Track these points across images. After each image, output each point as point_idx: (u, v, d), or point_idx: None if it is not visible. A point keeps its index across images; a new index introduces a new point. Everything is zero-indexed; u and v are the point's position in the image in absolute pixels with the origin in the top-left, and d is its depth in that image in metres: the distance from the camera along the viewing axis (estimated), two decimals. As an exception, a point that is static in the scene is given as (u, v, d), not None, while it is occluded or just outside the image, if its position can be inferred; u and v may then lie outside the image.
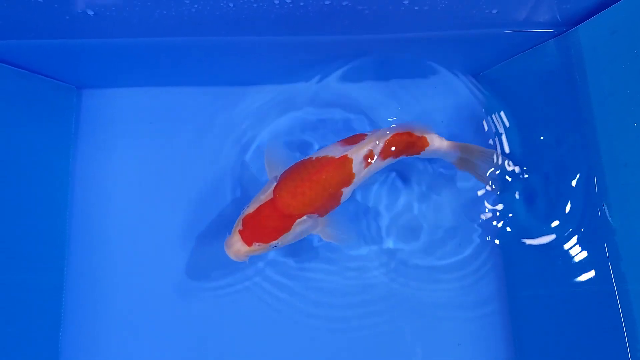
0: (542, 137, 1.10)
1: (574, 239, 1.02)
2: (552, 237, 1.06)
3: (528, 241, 1.09)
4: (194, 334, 1.09)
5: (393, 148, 1.01)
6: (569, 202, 1.04)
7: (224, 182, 1.14)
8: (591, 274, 0.99)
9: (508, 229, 1.12)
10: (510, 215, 1.13)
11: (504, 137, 1.15)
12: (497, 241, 1.13)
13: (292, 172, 0.98)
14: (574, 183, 1.04)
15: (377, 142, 1.00)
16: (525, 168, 1.11)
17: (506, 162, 1.10)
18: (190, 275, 1.10)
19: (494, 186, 1.12)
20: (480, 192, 1.14)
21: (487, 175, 1.09)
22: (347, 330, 1.09)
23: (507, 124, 1.15)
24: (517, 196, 1.12)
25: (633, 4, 0.96)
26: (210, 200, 1.13)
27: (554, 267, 1.04)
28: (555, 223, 1.06)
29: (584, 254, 1.00)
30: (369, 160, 0.99)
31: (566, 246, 1.03)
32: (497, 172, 1.10)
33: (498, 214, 1.14)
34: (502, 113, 1.16)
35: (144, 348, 1.08)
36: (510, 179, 1.11)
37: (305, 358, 1.09)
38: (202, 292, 1.10)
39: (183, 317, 1.09)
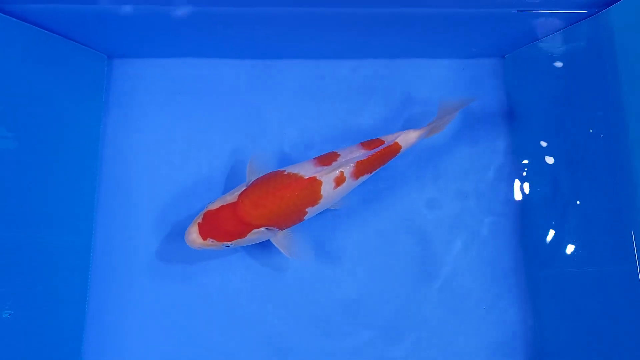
0: (568, 121, 1.10)
1: (599, 221, 1.02)
2: (576, 218, 1.06)
3: (550, 222, 1.10)
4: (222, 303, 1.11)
5: (367, 167, 1.01)
6: (595, 185, 1.04)
7: (250, 153, 1.14)
8: (615, 254, 0.99)
9: (531, 209, 1.13)
10: (534, 197, 1.13)
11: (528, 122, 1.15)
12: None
13: (260, 182, 0.99)
14: (600, 166, 1.03)
15: (350, 164, 1.00)
16: (552, 154, 1.11)
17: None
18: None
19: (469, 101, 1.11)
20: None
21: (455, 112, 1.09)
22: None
23: (532, 107, 1.15)
24: (542, 180, 1.13)
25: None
26: (235, 169, 1.14)
27: (576, 246, 1.05)
28: (580, 205, 1.06)
29: (609, 236, 1.00)
30: (340, 182, 1.00)
31: (590, 228, 1.03)
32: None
33: (521, 197, 1.14)
34: (527, 96, 1.16)
35: (172, 311, 1.10)
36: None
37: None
38: (236, 262, 1.11)
39: (217, 284, 1.11)
